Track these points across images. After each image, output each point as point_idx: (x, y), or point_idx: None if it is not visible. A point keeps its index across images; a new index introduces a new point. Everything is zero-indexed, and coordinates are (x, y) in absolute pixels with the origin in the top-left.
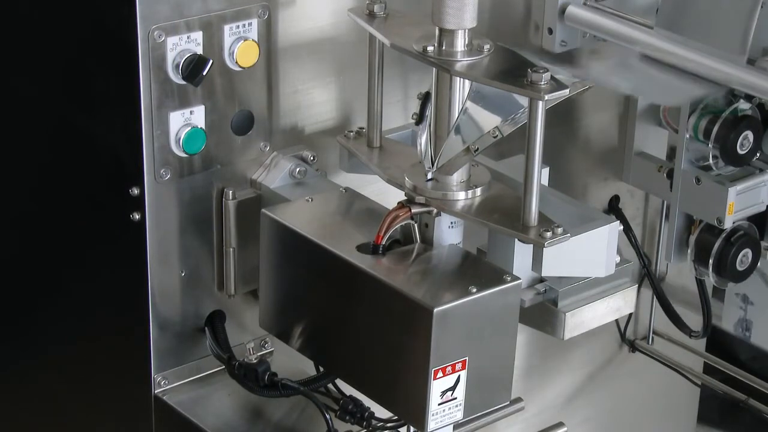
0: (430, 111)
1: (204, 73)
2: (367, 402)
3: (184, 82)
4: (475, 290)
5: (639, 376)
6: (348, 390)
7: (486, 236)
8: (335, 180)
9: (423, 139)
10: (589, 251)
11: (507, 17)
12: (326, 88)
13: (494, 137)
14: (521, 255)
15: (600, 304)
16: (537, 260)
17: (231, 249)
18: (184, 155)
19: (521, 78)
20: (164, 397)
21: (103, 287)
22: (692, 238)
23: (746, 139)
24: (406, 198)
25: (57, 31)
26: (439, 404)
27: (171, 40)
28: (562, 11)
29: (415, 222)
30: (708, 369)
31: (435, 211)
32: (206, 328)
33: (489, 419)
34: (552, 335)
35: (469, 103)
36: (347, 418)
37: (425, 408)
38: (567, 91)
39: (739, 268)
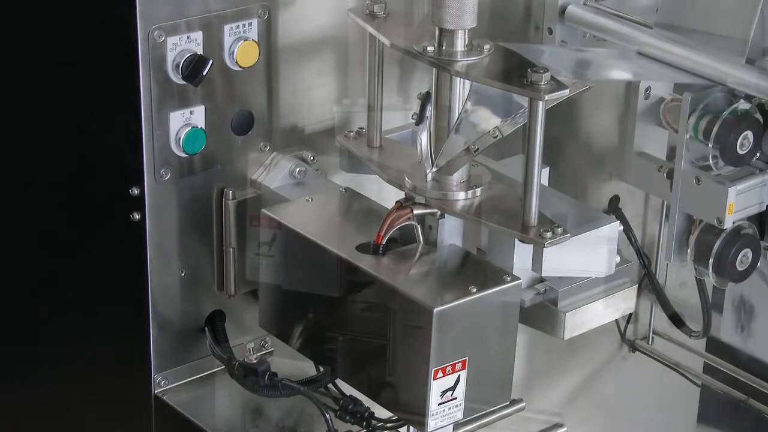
0: (430, 111)
1: (204, 73)
2: (367, 402)
3: (184, 82)
4: (475, 290)
5: (639, 376)
6: (348, 390)
7: (486, 236)
8: (335, 180)
9: (423, 139)
10: (589, 251)
11: (507, 17)
12: (326, 88)
13: (494, 137)
14: (521, 255)
15: (600, 304)
16: (537, 260)
17: (231, 249)
18: (184, 155)
19: (521, 78)
20: (164, 397)
21: (103, 287)
22: (692, 238)
23: (746, 139)
24: (405, 197)
25: (57, 31)
26: (439, 404)
27: (171, 40)
28: (562, 11)
29: (418, 223)
30: (708, 369)
31: (438, 213)
32: (206, 328)
33: (489, 419)
34: (552, 335)
35: (469, 103)
36: (347, 418)
37: (425, 408)
38: (567, 91)
39: (739, 268)
